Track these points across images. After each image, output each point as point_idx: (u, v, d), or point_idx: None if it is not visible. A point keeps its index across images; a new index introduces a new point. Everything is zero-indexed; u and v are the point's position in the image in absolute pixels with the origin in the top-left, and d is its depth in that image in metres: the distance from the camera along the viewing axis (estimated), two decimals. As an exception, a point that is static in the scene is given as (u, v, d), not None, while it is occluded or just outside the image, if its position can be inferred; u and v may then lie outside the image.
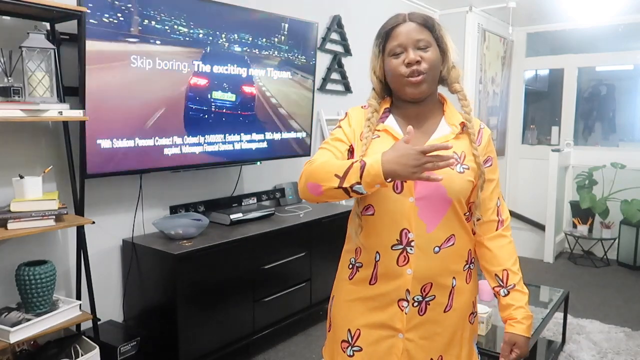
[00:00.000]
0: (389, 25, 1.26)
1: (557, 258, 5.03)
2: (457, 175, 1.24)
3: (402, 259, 1.23)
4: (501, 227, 1.33)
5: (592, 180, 4.91)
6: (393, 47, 1.23)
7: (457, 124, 1.29)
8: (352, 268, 1.32)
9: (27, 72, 1.93)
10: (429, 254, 1.23)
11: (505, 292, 1.31)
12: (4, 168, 2.09)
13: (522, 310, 1.29)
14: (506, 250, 1.33)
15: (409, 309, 1.25)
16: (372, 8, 4.08)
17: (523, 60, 5.62)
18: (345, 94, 3.94)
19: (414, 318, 1.26)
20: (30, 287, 1.95)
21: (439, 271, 1.25)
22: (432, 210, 1.22)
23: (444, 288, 1.26)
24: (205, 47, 2.54)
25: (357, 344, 1.29)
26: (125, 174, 2.38)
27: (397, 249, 1.23)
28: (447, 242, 1.25)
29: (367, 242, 1.28)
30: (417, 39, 1.22)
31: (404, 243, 1.23)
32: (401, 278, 1.24)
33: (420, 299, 1.25)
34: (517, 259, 1.35)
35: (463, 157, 1.26)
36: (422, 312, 1.26)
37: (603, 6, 4.58)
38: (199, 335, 2.43)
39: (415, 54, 1.21)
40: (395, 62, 1.23)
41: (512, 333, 1.29)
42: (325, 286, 3.19)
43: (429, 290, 1.25)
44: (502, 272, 1.31)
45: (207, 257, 2.44)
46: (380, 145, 1.25)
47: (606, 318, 3.49)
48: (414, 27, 1.23)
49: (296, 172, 3.61)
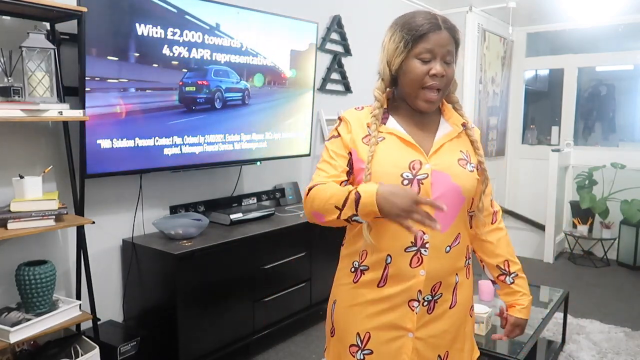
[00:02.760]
0: (424, 28, 1.19)
1: (557, 258, 5.03)
2: (469, 174, 1.26)
3: (416, 260, 1.22)
4: (495, 219, 1.41)
5: (592, 180, 4.91)
6: (423, 51, 1.19)
7: (459, 123, 1.31)
8: (356, 272, 1.29)
9: (27, 72, 1.93)
10: (441, 254, 1.24)
11: (511, 279, 1.41)
12: (4, 168, 2.09)
13: (527, 297, 1.41)
14: (504, 242, 1.41)
15: (419, 309, 1.25)
16: (372, 8, 4.08)
17: (523, 60, 5.62)
18: (345, 94, 3.94)
19: (424, 317, 1.26)
20: (30, 287, 1.95)
21: (447, 270, 1.27)
22: (448, 210, 1.18)
23: (450, 285, 1.28)
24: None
25: (367, 347, 1.27)
26: (125, 174, 2.38)
27: (411, 250, 1.22)
28: (455, 240, 1.27)
29: (379, 244, 1.24)
30: (447, 52, 1.20)
31: (419, 245, 1.22)
32: (414, 279, 1.23)
33: (430, 298, 1.25)
34: (513, 249, 1.44)
35: (469, 155, 1.29)
36: (430, 310, 1.26)
37: (603, 6, 4.58)
38: (199, 335, 2.43)
39: (442, 67, 1.20)
40: (420, 67, 1.20)
41: (519, 317, 1.41)
42: (325, 286, 3.17)
43: (438, 289, 1.26)
44: (504, 262, 1.40)
45: (207, 257, 2.44)
46: (388, 149, 1.23)
47: (606, 318, 3.49)
48: (447, 39, 1.20)
49: (296, 172, 3.61)
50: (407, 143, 1.24)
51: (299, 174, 3.64)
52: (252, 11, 2.80)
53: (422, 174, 1.20)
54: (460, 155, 1.27)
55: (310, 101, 3.28)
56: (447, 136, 1.27)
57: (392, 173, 1.20)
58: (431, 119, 1.31)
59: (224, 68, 2.68)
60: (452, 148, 1.27)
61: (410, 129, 1.27)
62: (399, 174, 1.20)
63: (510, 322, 1.42)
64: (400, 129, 1.27)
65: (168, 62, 2.40)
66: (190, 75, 2.51)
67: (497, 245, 1.40)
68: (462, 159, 1.26)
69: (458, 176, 1.23)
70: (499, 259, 1.40)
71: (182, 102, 2.49)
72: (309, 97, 3.27)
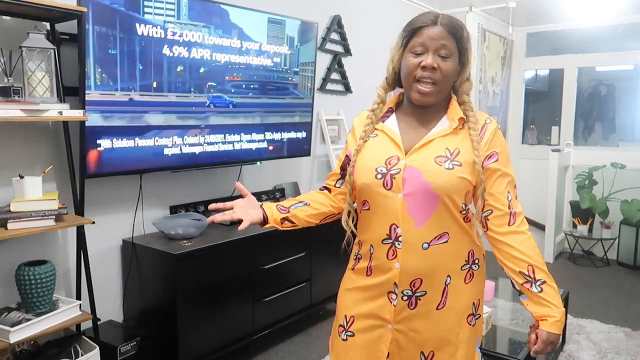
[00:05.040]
0: (418, 22, 1.24)
1: (557, 258, 5.03)
2: (445, 171, 1.22)
3: (391, 253, 1.27)
4: (513, 220, 1.27)
5: (592, 180, 4.91)
6: (415, 44, 1.24)
7: (457, 119, 1.29)
8: (356, 259, 1.39)
9: (27, 72, 1.93)
10: (417, 250, 1.25)
11: (538, 288, 1.25)
12: (4, 168, 2.09)
13: (559, 310, 1.25)
14: (527, 245, 1.26)
15: (398, 302, 1.29)
16: (372, 8, 4.07)
17: (523, 60, 5.62)
18: (345, 94, 3.94)
19: (404, 311, 1.29)
20: (30, 287, 1.95)
21: (429, 268, 1.26)
22: (421, 207, 1.23)
23: (437, 285, 1.27)
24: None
25: (350, 329, 1.36)
26: (125, 174, 2.38)
27: (387, 243, 1.28)
28: (438, 239, 1.25)
29: (364, 235, 1.34)
30: (441, 46, 1.22)
31: (393, 238, 1.26)
32: (390, 272, 1.28)
33: (410, 293, 1.28)
34: (542, 257, 1.29)
35: (456, 153, 1.25)
36: (412, 306, 1.28)
37: (603, 6, 4.58)
38: (199, 335, 2.43)
39: (434, 59, 1.22)
40: (412, 60, 1.24)
41: (551, 332, 1.24)
42: (325, 286, 3.19)
43: (419, 286, 1.27)
44: (528, 267, 1.25)
45: (207, 257, 2.44)
46: (374, 145, 1.32)
47: (606, 318, 3.49)
48: (441, 32, 1.22)
49: (296, 172, 3.61)
50: (392, 140, 1.30)
51: (299, 174, 3.64)
52: (252, 11, 2.79)
53: (395, 169, 1.25)
54: (443, 152, 1.24)
55: (310, 101, 3.28)
56: (439, 132, 1.27)
57: (369, 167, 1.28)
58: (434, 115, 1.31)
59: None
60: (439, 145, 1.26)
61: (408, 126, 1.31)
62: (374, 168, 1.27)
63: (542, 339, 1.24)
64: (392, 127, 1.32)
65: (170, 63, 2.40)
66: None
67: (517, 249, 1.25)
68: (442, 156, 1.24)
69: (430, 173, 1.22)
70: (521, 265, 1.25)
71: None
72: (309, 97, 3.27)
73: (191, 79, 2.52)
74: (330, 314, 3.39)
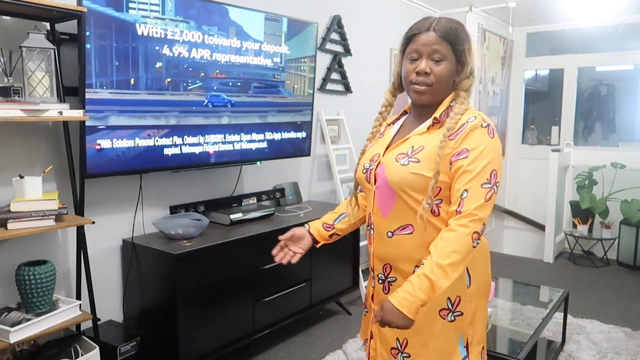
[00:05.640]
0: (413, 29, 1.33)
1: (557, 258, 5.03)
2: (399, 167, 1.30)
3: (370, 238, 1.44)
4: (456, 216, 1.23)
5: (592, 180, 4.91)
6: (410, 51, 1.33)
7: (432, 118, 1.34)
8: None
9: (27, 72, 1.93)
10: (383, 238, 1.38)
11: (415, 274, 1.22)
12: (4, 168, 2.09)
13: (414, 293, 1.18)
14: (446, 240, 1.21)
15: (375, 285, 1.45)
16: (372, 8, 4.07)
17: (523, 60, 5.62)
18: (345, 94, 3.94)
19: (380, 294, 1.42)
20: (30, 287, 1.95)
21: (395, 255, 1.36)
22: (385, 199, 1.35)
23: (404, 273, 1.34)
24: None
25: (366, 305, 1.55)
26: (125, 174, 2.38)
27: (368, 229, 1.45)
28: (401, 229, 1.34)
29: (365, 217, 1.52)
30: (433, 51, 1.30)
31: (369, 225, 1.43)
32: (370, 255, 1.46)
33: (383, 277, 1.41)
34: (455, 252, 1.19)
35: (419, 150, 1.30)
36: (385, 290, 1.40)
37: (603, 6, 4.58)
38: (199, 335, 2.43)
39: (427, 64, 1.30)
40: (408, 66, 1.34)
41: (390, 302, 1.21)
42: (325, 286, 3.19)
43: (389, 272, 1.39)
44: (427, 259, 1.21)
45: (207, 257, 2.44)
46: (374, 145, 1.45)
47: (606, 318, 3.49)
48: (433, 38, 1.29)
49: (296, 172, 3.61)
50: (386, 139, 1.43)
51: (299, 174, 3.64)
52: (252, 11, 2.80)
53: (373, 165, 1.39)
54: (406, 150, 1.32)
55: (310, 101, 3.28)
56: (417, 131, 1.36)
57: (361, 164, 1.45)
58: (428, 115, 1.37)
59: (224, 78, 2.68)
60: (410, 143, 1.34)
61: (407, 127, 1.41)
62: (363, 164, 1.43)
63: (380, 305, 1.24)
64: (394, 128, 1.45)
65: (170, 63, 2.40)
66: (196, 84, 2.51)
67: (435, 242, 1.22)
68: (403, 153, 1.32)
69: (389, 168, 1.33)
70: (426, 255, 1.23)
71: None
72: (309, 97, 3.27)
73: (191, 77, 2.52)
74: (330, 313, 3.39)
